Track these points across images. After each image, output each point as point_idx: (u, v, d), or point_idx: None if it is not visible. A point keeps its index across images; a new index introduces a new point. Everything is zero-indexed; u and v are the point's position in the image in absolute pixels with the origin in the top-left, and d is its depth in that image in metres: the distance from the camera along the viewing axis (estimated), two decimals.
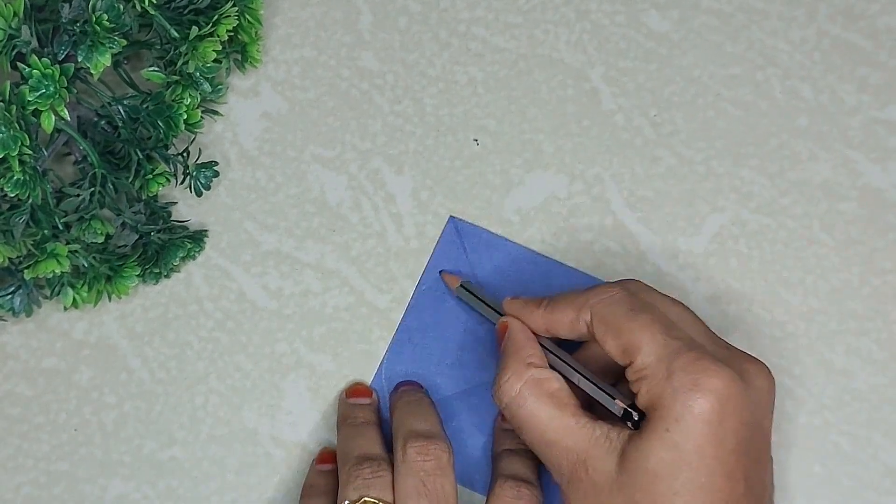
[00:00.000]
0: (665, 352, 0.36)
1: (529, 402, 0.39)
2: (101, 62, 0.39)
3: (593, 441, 0.37)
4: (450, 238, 0.47)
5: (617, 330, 0.38)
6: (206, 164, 0.46)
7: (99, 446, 0.46)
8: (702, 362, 0.36)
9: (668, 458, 0.35)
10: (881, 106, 0.48)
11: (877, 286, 0.47)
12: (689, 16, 0.50)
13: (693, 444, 0.35)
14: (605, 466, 0.37)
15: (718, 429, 0.35)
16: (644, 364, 0.37)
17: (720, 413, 0.35)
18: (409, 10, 0.50)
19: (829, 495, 0.45)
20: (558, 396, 0.39)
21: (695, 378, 0.35)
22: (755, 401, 0.37)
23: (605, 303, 0.39)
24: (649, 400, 0.36)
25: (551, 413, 0.39)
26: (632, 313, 0.38)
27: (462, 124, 0.49)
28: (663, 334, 0.37)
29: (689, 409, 0.35)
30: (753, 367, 0.38)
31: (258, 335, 0.47)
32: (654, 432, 0.36)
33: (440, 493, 0.40)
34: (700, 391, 0.35)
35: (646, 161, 0.48)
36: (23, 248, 0.41)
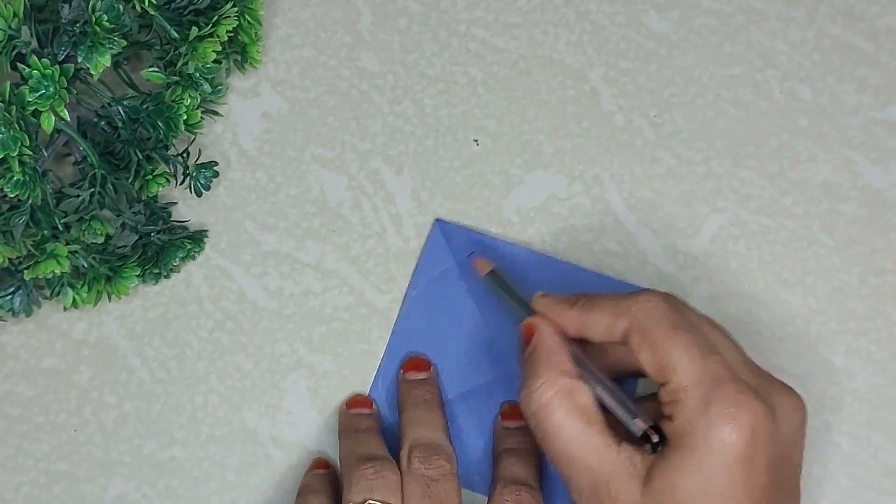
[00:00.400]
0: (703, 377, 0.35)
1: (558, 414, 0.38)
2: (100, 63, 0.39)
3: (618, 464, 0.36)
4: (436, 242, 0.47)
5: (656, 345, 0.37)
6: (206, 165, 0.46)
7: (99, 446, 0.46)
8: (741, 396, 0.35)
9: (696, 489, 0.35)
10: (881, 106, 0.48)
11: (877, 286, 0.47)
12: (689, 16, 0.50)
13: (725, 478, 0.34)
14: (629, 492, 0.36)
15: (750, 464, 0.35)
16: (680, 387, 0.36)
17: (752, 448, 0.35)
18: (409, 11, 0.50)
19: (828, 495, 0.45)
20: (588, 412, 0.38)
21: (733, 411, 0.35)
22: (787, 436, 0.36)
23: (646, 313, 0.38)
24: (681, 425, 0.36)
25: (579, 428, 0.37)
26: (673, 331, 0.37)
27: (462, 125, 0.49)
28: (703, 358, 0.36)
29: (723, 443, 0.34)
30: (787, 400, 0.37)
31: (258, 335, 0.47)
32: (684, 461, 0.35)
33: (444, 496, 0.40)
34: (736, 425, 0.34)
35: (645, 161, 0.48)
36: (23, 249, 0.41)
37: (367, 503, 0.39)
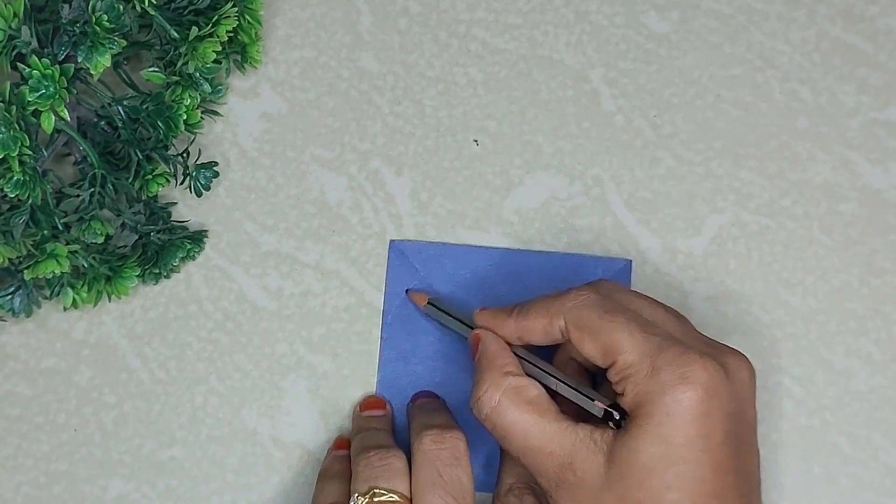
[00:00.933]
0: (647, 349, 0.36)
1: (509, 411, 0.39)
2: (100, 63, 0.39)
3: (578, 443, 0.37)
4: (397, 262, 0.47)
5: (594, 332, 0.38)
6: (206, 165, 0.46)
7: (99, 446, 0.46)
8: (686, 356, 0.36)
9: (659, 453, 0.35)
10: (881, 107, 0.48)
11: (876, 287, 0.47)
12: (689, 17, 0.50)
13: (683, 438, 0.35)
14: (593, 466, 0.37)
15: (706, 421, 0.35)
16: (627, 363, 0.37)
17: (707, 405, 0.35)
18: (409, 11, 0.50)
19: (828, 495, 0.45)
20: (538, 403, 0.39)
21: (682, 372, 0.35)
22: (738, 392, 0.37)
23: (578, 307, 0.39)
24: (635, 397, 0.36)
25: (532, 420, 0.38)
26: (607, 315, 0.38)
27: (462, 125, 0.49)
28: (642, 332, 0.37)
29: (678, 403, 0.35)
30: (734, 359, 0.38)
31: (258, 336, 0.47)
32: (643, 428, 0.36)
33: (456, 483, 0.39)
34: (688, 384, 0.35)
35: (645, 162, 0.48)
36: (23, 249, 0.41)
37: (372, 491, 0.39)
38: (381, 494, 0.39)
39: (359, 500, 0.39)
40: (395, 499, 0.39)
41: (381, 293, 0.47)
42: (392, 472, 0.40)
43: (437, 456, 0.40)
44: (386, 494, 0.39)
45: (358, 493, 0.39)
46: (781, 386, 0.46)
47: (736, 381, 0.37)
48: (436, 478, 0.39)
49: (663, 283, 0.47)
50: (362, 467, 0.40)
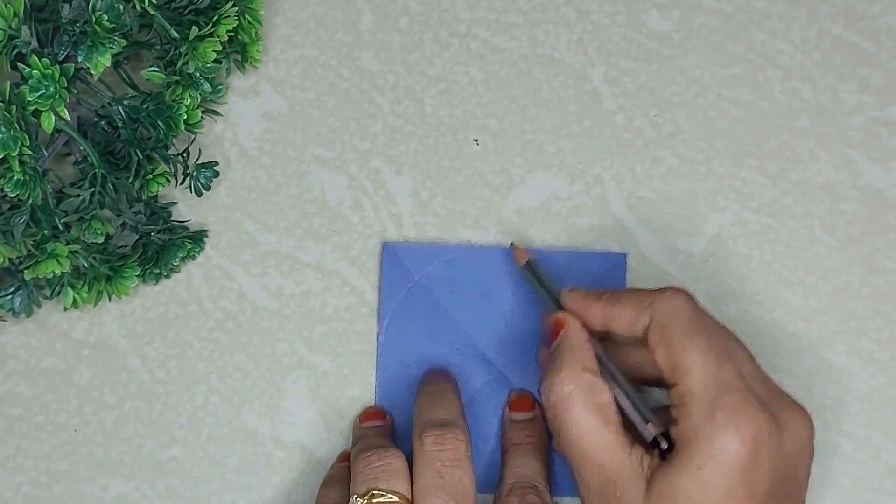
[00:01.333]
0: (713, 384, 0.36)
1: (576, 408, 0.38)
2: (101, 62, 0.39)
3: (627, 465, 0.37)
4: (391, 265, 0.47)
5: (672, 344, 0.37)
6: (206, 165, 0.46)
7: (99, 446, 0.46)
8: (746, 405, 0.35)
9: (696, 495, 0.35)
10: (882, 106, 0.48)
11: (877, 286, 0.47)
12: (690, 16, 0.50)
13: (724, 485, 0.34)
14: (634, 491, 0.36)
15: (750, 474, 0.35)
16: (689, 391, 0.36)
17: (754, 458, 0.35)
18: (410, 11, 0.50)
19: (829, 495, 0.45)
20: (606, 410, 0.38)
21: (736, 421, 0.35)
22: (792, 449, 0.36)
23: (668, 311, 0.38)
24: (685, 429, 0.36)
25: (595, 424, 0.38)
26: (690, 332, 0.37)
27: (462, 124, 0.49)
28: (716, 364, 0.36)
29: (724, 450, 0.35)
30: (795, 414, 0.37)
31: (258, 335, 0.47)
32: (685, 467, 0.35)
33: (458, 485, 0.39)
34: (738, 434, 0.35)
35: (646, 161, 0.48)
36: (23, 249, 0.41)
37: (371, 493, 0.39)
38: (379, 495, 0.39)
39: (357, 501, 0.39)
40: (395, 499, 0.39)
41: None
42: (391, 473, 0.39)
43: (438, 457, 0.39)
44: (385, 495, 0.39)
45: (357, 495, 0.39)
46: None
47: (790, 440, 0.36)
48: (437, 479, 0.39)
49: (663, 283, 0.46)
50: (361, 468, 0.40)
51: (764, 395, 0.37)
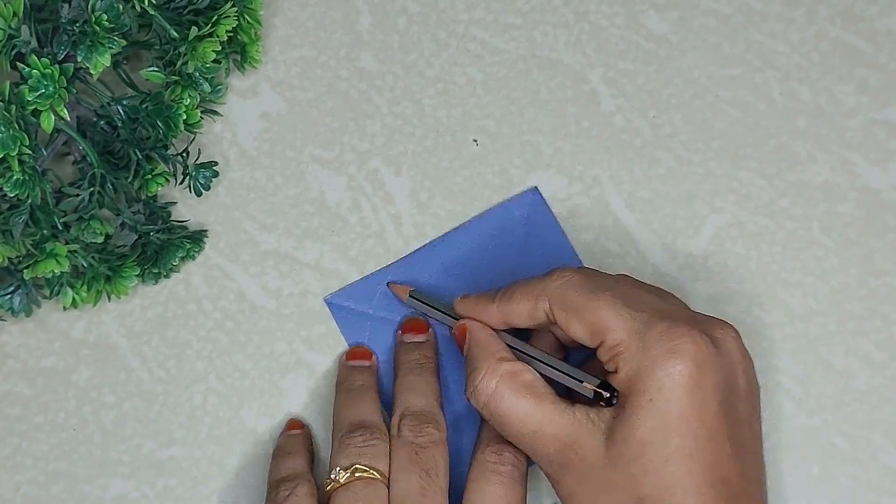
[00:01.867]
0: (635, 325, 0.37)
1: (507, 397, 0.39)
2: (100, 62, 0.39)
3: (577, 424, 0.37)
4: (343, 316, 0.46)
5: (580, 312, 0.38)
6: (206, 164, 0.46)
7: (98, 446, 0.46)
8: (674, 330, 0.36)
9: (655, 427, 0.35)
10: (880, 107, 0.49)
11: (875, 287, 0.47)
12: (688, 17, 0.50)
13: (677, 411, 0.35)
14: (594, 445, 0.37)
15: (698, 392, 0.35)
16: (616, 340, 0.37)
17: (698, 377, 0.35)
18: (408, 11, 0.50)
19: (828, 495, 0.45)
20: (534, 387, 0.39)
21: (671, 346, 0.36)
22: (727, 362, 0.37)
23: (562, 287, 0.39)
24: (628, 373, 0.36)
25: (530, 404, 0.38)
26: (592, 294, 0.38)
27: (461, 125, 0.49)
28: (628, 309, 0.37)
29: (669, 377, 0.35)
30: (721, 330, 0.38)
31: (257, 335, 0.47)
32: (638, 404, 0.36)
33: (431, 463, 0.40)
34: (677, 357, 0.35)
35: (645, 162, 0.48)
36: (22, 248, 0.41)
37: (354, 467, 0.40)
38: (362, 470, 0.40)
39: (339, 473, 0.40)
40: (376, 476, 0.40)
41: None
42: (374, 452, 0.40)
43: (415, 440, 0.41)
44: (368, 471, 0.40)
45: (339, 468, 0.40)
46: (781, 386, 0.46)
47: (724, 352, 0.37)
48: (412, 457, 0.40)
49: (663, 284, 0.47)
50: (346, 444, 0.41)
51: (686, 320, 0.37)
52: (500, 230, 0.47)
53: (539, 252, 0.47)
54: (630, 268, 0.47)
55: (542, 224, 0.47)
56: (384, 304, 0.46)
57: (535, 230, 0.47)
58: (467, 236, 0.47)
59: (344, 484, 0.40)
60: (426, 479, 0.40)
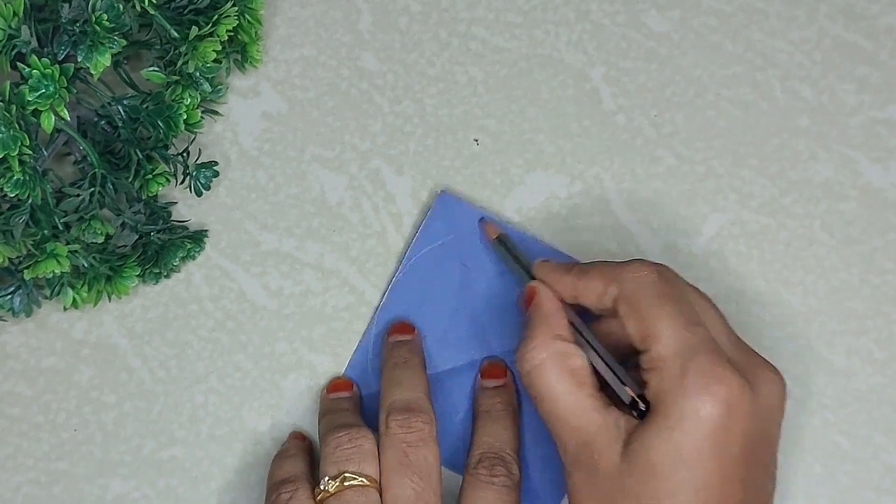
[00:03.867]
0: (683, 348, 0.36)
1: (551, 374, 0.39)
2: (100, 62, 0.39)
3: (603, 426, 0.37)
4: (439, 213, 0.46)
5: (641, 313, 0.38)
6: (206, 164, 0.46)
7: (99, 446, 0.46)
8: (717, 367, 0.35)
9: (668, 455, 0.35)
10: (881, 106, 0.48)
11: (877, 286, 0.47)
12: (690, 16, 0.50)
13: (694, 446, 0.35)
14: (610, 453, 0.37)
15: (722, 435, 0.35)
16: (660, 356, 0.36)
17: (726, 420, 0.35)
18: (410, 10, 0.50)
19: (828, 494, 0.45)
20: (579, 374, 0.39)
21: (706, 382, 0.35)
22: (764, 410, 0.37)
23: (635, 281, 0.38)
24: (658, 393, 0.36)
25: (569, 389, 0.38)
26: (658, 300, 0.38)
27: (462, 124, 0.49)
28: (685, 329, 0.37)
29: (695, 412, 0.35)
30: (767, 375, 0.37)
31: (258, 335, 0.47)
32: (658, 427, 0.36)
33: (423, 463, 0.40)
34: (709, 396, 0.35)
35: (646, 161, 0.48)
36: (22, 248, 0.41)
37: (343, 475, 0.39)
38: (351, 479, 0.39)
39: (329, 483, 0.39)
40: (366, 483, 0.39)
41: (381, 292, 0.47)
42: (361, 456, 0.40)
43: (404, 439, 0.40)
44: (357, 479, 0.39)
45: (328, 477, 0.40)
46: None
47: (763, 400, 0.36)
48: (402, 458, 0.40)
49: None
50: (332, 448, 0.40)
51: (735, 357, 0.37)
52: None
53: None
54: None
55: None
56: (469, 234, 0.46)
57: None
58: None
59: (334, 493, 0.39)
60: (418, 482, 0.39)
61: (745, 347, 0.39)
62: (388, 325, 0.46)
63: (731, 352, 0.37)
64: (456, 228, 0.47)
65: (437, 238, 0.47)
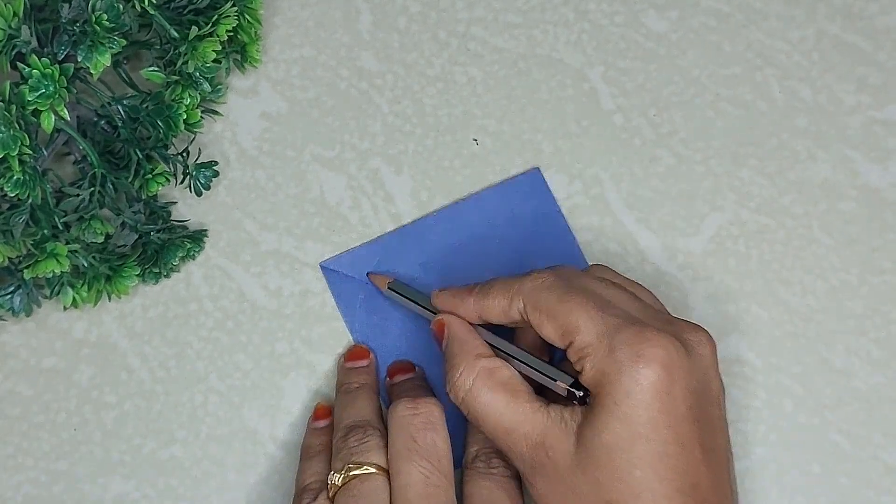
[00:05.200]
0: (604, 328, 0.36)
1: (483, 394, 0.39)
2: (100, 62, 0.39)
3: (549, 424, 0.37)
4: (336, 281, 0.47)
5: (552, 314, 0.38)
6: (206, 164, 0.46)
7: (99, 445, 0.46)
8: (643, 334, 0.36)
9: (621, 432, 0.35)
10: (880, 106, 0.49)
11: (875, 285, 0.47)
12: (688, 16, 0.50)
13: (645, 415, 0.35)
14: (564, 447, 0.37)
15: (667, 398, 0.35)
16: (585, 343, 0.37)
17: (667, 382, 0.35)
18: (409, 11, 0.50)
19: (828, 494, 0.45)
20: (511, 384, 0.39)
21: (638, 350, 0.35)
22: (699, 367, 0.37)
23: (537, 289, 0.39)
24: (594, 376, 0.36)
25: (506, 401, 0.39)
26: (565, 296, 0.38)
27: (461, 124, 0.49)
28: (599, 312, 0.37)
29: (635, 381, 0.35)
30: (693, 334, 0.38)
31: (258, 335, 0.47)
32: (604, 407, 0.36)
33: (432, 448, 0.40)
34: (644, 362, 0.35)
35: (645, 161, 0.48)
36: (22, 248, 0.41)
37: (346, 466, 0.40)
38: (356, 468, 0.39)
39: (334, 477, 0.40)
40: (372, 471, 0.39)
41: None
42: (368, 448, 0.40)
43: (411, 422, 0.40)
44: (361, 468, 0.39)
45: (334, 471, 0.40)
46: (781, 385, 0.46)
47: (696, 356, 0.37)
48: (411, 444, 0.40)
49: (663, 283, 0.47)
50: (340, 448, 0.41)
51: (657, 324, 0.37)
52: (498, 209, 0.47)
53: (539, 234, 0.47)
54: (630, 267, 0.47)
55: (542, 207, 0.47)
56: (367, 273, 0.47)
57: (536, 212, 0.47)
58: (467, 212, 0.47)
59: (342, 486, 0.39)
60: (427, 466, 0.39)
61: (665, 315, 0.39)
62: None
63: (652, 321, 0.38)
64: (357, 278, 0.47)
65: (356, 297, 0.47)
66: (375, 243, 0.47)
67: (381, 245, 0.47)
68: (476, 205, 0.47)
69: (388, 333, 0.46)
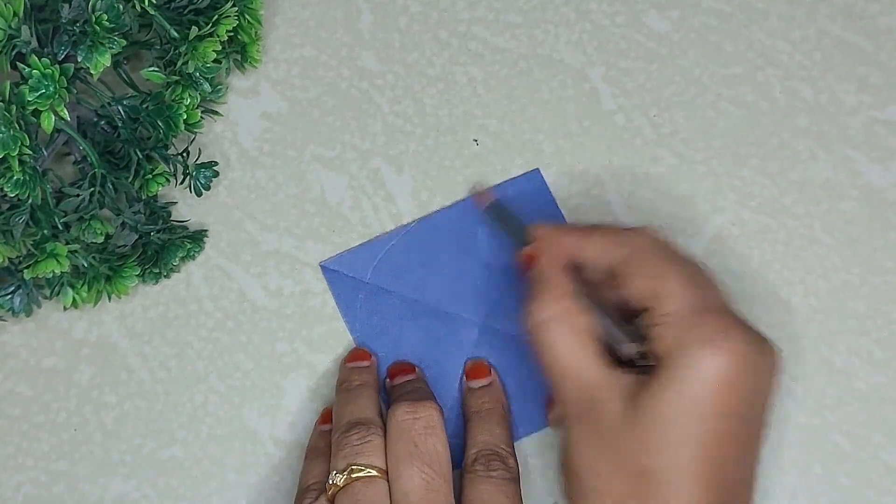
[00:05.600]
0: (694, 304, 0.36)
1: (556, 330, 0.39)
2: (100, 62, 0.39)
3: (607, 381, 0.37)
4: (336, 281, 0.47)
5: (649, 271, 0.38)
6: (206, 164, 0.46)
7: (99, 445, 0.46)
8: (728, 322, 0.36)
9: (677, 406, 0.35)
10: (881, 106, 0.48)
11: (877, 286, 0.47)
12: (689, 15, 0.50)
13: (708, 401, 0.35)
14: (614, 406, 0.36)
15: (731, 391, 0.35)
16: (669, 310, 0.36)
17: (737, 377, 0.35)
18: (410, 10, 0.50)
19: (828, 494, 0.45)
20: (586, 332, 0.39)
21: (721, 335, 0.35)
22: (766, 374, 0.37)
23: (644, 243, 0.39)
24: (668, 346, 0.36)
25: (574, 345, 0.38)
26: (667, 260, 0.38)
27: (462, 124, 0.49)
28: (696, 287, 0.37)
29: (710, 362, 0.35)
30: (767, 342, 0.37)
31: (258, 335, 0.47)
32: (667, 378, 0.35)
33: (432, 452, 0.40)
34: (724, 350, 0.35)
35: (646, 161, 0.48)
36: (22, 248, 0.41)
37: (350, 468, 0.39)
38: (358, 470, 0.39)
39: (336, 477, 0.39)
40: (374, 474, 0.39)
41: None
42: (371, 449, 0.40)
43: (412, 426, 0.40)
44: (364, 470, 0.39)
45: (336, 471, 0.40)
46: (782, 385, 0.46)
47: (768, 362, 0.37)
48: (411, 448, 0.40)
49: None
50: (342, 446, 0.41)
51: (740, 319, 0.37)
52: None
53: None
54: None
55: (543, 207, 0.47)
56: (382, 274, 0.47)
57: (537, 212, 0.47)
58: (468, 212, 0.47)
59: (343, 486, 0.39)
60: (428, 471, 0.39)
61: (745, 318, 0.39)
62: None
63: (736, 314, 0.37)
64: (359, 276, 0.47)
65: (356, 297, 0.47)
66: (376, 243, 0.47)
67: (381, 245, 0.47)
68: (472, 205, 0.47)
69: (388, 333, 0.46)
